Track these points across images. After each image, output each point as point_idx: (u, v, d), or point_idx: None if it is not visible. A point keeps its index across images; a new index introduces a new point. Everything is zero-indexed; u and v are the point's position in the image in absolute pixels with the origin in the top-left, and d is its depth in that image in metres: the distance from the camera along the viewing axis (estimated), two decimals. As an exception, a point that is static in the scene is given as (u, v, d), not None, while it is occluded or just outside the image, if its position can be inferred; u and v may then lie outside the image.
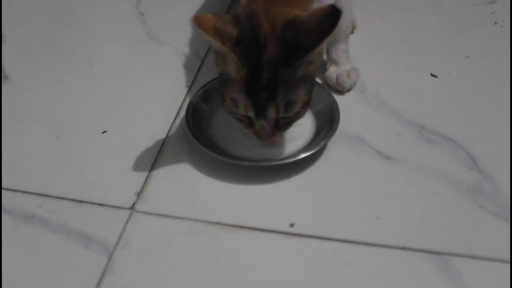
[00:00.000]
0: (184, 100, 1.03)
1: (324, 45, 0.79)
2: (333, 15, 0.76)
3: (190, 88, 1.05)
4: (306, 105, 0.84)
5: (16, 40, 1.21)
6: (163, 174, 0.90)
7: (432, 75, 1.06)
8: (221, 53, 0.81)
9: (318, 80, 1.03)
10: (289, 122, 0.85)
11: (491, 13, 1.21)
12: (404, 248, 0.79)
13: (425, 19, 1.20)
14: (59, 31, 1.23)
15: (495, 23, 1.19)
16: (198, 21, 0.77)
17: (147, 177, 0.90)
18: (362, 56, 1.08)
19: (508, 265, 0.76)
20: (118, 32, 1.22)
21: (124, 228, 0.83)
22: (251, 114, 0.82)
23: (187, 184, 0.89)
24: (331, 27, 0.76)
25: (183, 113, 0.98)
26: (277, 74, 0.78)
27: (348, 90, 1.03)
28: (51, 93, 1.07)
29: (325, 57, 1.05)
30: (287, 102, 0.81)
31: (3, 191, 0.89)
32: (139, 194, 0.87)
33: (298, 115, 0.84)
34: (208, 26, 0.77)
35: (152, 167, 0.91)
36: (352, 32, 1.12)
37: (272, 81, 0.79)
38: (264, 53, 0.78)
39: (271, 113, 0.81)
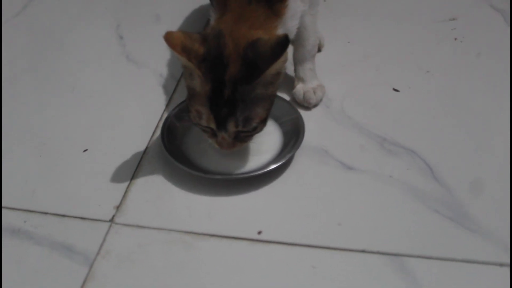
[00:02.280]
0: (161, 118, 1.08)
1: (279, 67, 0.85)
2: (282, 43, 0.82)
3: (166, 107, 1.11)
4: (264, 121, 0.90)
5: (2, 64, 1.25)
6: (140, 188, 0.95)
7: (394, 89, 1.12)
8: (188, 68, 0.86)
9: (286, 96, 1.10)
10: (248, 135, 0.91)
11: (451, 30, 1.28)
12: (363, 251, 0.84)
13: (388, 36, 1.27)
14: (42, 55, 1.28)
15: (455, 39, 1.25)
16: (167, 38, 0.83)
17: (126, 191, 0.95)
18: (329, 73, 1.14)
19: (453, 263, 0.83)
20: (99, 55, 1.28)
21: (104, 239, 0.88)
22: (212, 126, 0.87)
23: (163, 197, 0.94)
24: (280, 52, 0.82)
25: (160, 130, 1.02)
26: (236, 91, 0.84)
27: (315, 105, 1.08)
28: (35, 114, 1.12)
29: (293, 74, 1.11)
30: (246, 118, 0.86)
31: (-10, 208, 0.93)
32: (118, 207, 0.92)
33: (256, 130, 0.90)
34: (176, 43, 0.83)
35: (130, 182, 0.96)
36: (319, 50, 1.19)
37: (232, 98, 0.84)
38: (226, 71, 0.84)
39: (231, 127, 0.87)
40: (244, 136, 0.90)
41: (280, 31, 0.91)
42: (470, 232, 0.86)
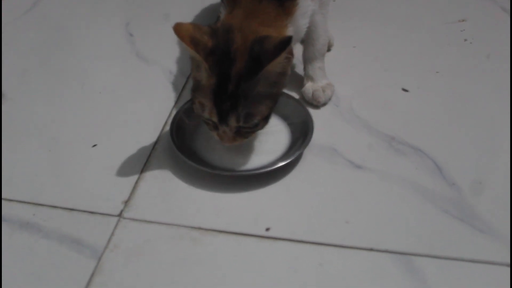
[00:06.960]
0: (170, 115, 1.08)
1: (282, 66, 0.86)
2: (284, 41, 0.82)
3: (175, 104, 1.11)
4: (266, 119, 0.90)
5: (12, 60, 1.27)
6: (149, 184, 0.96)
7: (403, 89, 1.13)
8: (195, 60, 0.87)
9: (295, 95, 1.10)
10: (249, 131, 0.91)
11: (461, 31, 1.29)
12: (371, 249, 0.84)
13: (398, 37, 1.27)
14: (53, 52, 1.29)
15: (465, 40, 1.26)
16: (176, 29, 0.84)
17: (134, 187, 0.95)
18: (338, 72, 1.15)
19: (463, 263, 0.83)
20: (109, 52, 1.29)
21: (112, 234, 0.88)
22: (214, 119, 0.88)
23: (171, 193, 0.94)
24: (280, 50, 0.82)
25: (168, 127, 1.03)
26: (240, 87, 0.84)
27: (324, 104, 1.09)
28: (45, 110, 1.13)
29: (302, 73, 1.12)
30: (247, 114, 0.87)
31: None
32: (126, 202, 0.93)
33: (257, 127, 0.90)
34: (185, 35, 0.84)
35: (139, 177, 0.97)
36: (329, 50, 1.19)
37: (235, 93, 0.85)
38: (233, 66, 0.84)
39: (232, 121, 0.87)
40: (245, 132, 0.91)
41: (290, 30, 0.92)
42: (478, 232, 0.86)
